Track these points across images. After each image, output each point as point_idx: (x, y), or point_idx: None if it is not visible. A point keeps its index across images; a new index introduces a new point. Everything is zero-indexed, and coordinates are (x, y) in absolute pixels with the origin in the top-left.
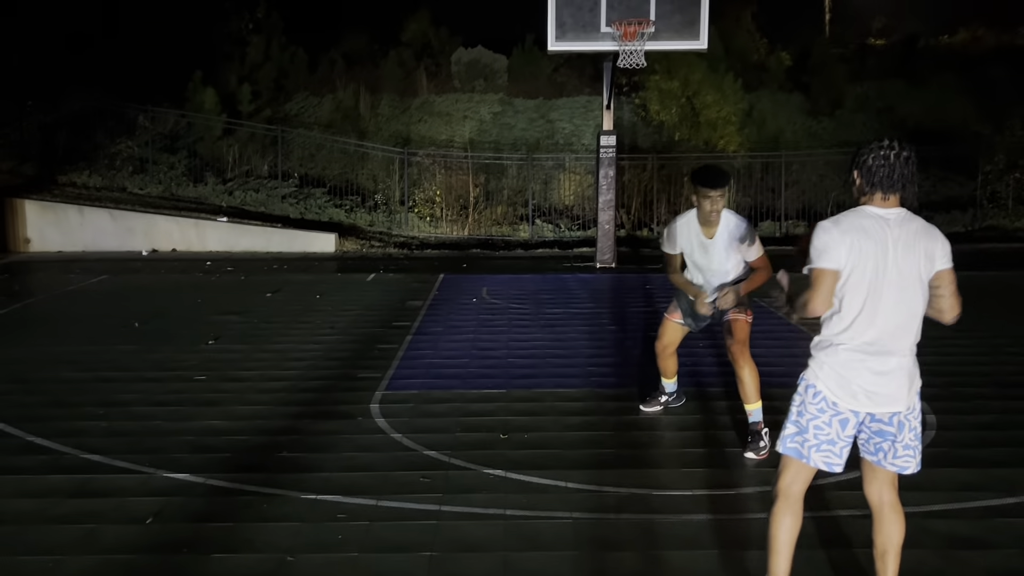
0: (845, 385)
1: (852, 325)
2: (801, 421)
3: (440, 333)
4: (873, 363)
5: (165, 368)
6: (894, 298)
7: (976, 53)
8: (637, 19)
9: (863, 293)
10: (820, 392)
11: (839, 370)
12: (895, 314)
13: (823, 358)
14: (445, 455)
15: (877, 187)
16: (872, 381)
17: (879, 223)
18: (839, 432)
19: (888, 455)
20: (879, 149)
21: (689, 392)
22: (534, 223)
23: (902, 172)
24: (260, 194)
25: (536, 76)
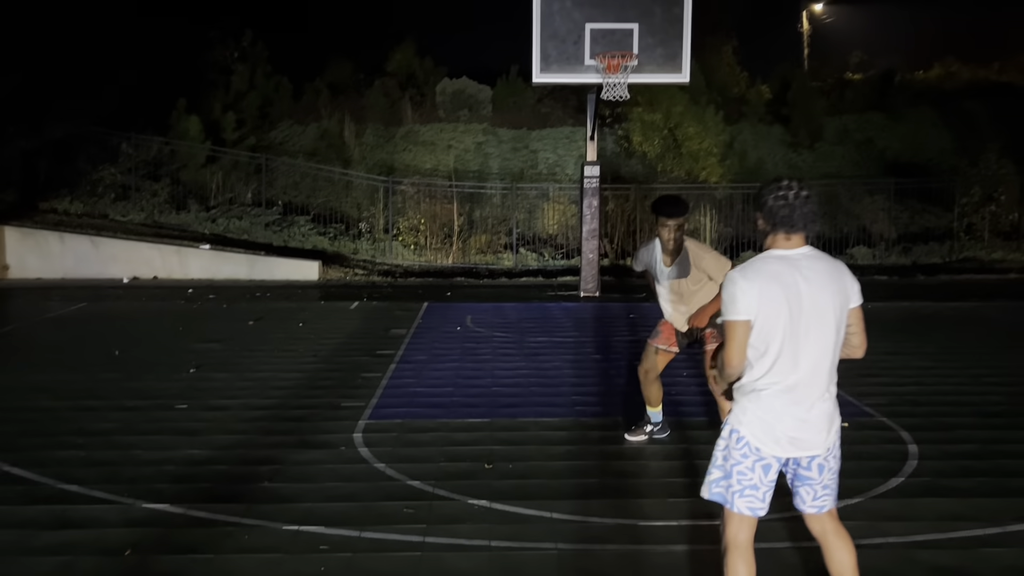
0: (769, 431)
1: (773, 370)
2: (726, 466)
3: (424, 362)
4: (796, 408)
5: (145, 397)
6: (813, 339)
7: (951, 88)
8: (620, 52)
9: (780, 337)
10: (744, 438)
11: (763, 416)
12: (815, 355)
13: (747, 404)
14: (429, 485)
15: (779, 227)
16: (795, 426)
17: (787, 265)
18: (762, 478)
19: (807, 499)
20: (778, 189)
21: (673, 422)
22: (518, 252)
23: (803, 211)
24: (243, 222)
25: (520, 107)
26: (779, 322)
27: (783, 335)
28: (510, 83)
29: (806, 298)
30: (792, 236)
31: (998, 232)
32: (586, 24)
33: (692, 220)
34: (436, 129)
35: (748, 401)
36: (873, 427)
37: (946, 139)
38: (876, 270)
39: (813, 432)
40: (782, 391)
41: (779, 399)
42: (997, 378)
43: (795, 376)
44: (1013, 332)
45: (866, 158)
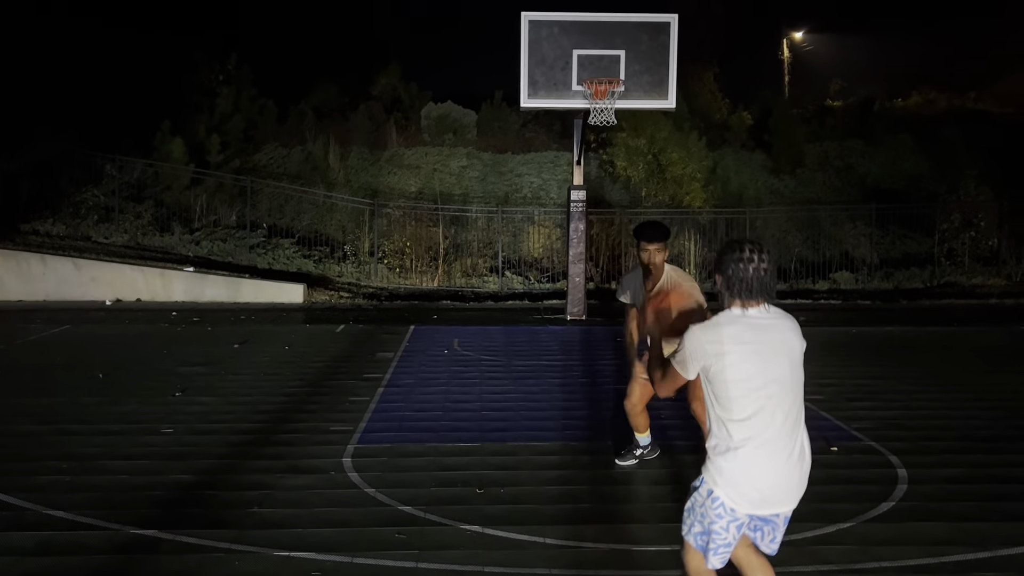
0: (745, 492)
1: (749, 429)
2: (704, 523)
3: (412, 385)
4: (772, 464)
5: (130, 421)
6: (784, 397)
7: (929, 115)
8: (608, 78)
9: (754, 399)
10: (719, 499)
11: (738, 476)
12: (787, 411)
13: (722, 464)
14: (420, 510)
15: (737, 296)
16: (771, 484)
17: (751, 326)
18: (735, 536)
19: (763, 541)
20: (739, 261)
21: (661, 446)
22: (503, 275)
23: (761, 282)
24: (228, 244)
25: (505, 131)
26: (752, 384)
27: (757, 396)
28: (495, 108)
29: (768, 353)
30: (750, 303)
31: (978, 257)
32: (574, 50)
33: (676, 244)
34: (421, 153)
35: (724, 461)
36: (862, 451)
37: (924, 166)
38: (859, 295)
39: (787, 489)
40: (757, 448)
41: (754, 456)
42: (981, 402)
43: (770, 432)
44: (994, 356)
45: (847, 184)
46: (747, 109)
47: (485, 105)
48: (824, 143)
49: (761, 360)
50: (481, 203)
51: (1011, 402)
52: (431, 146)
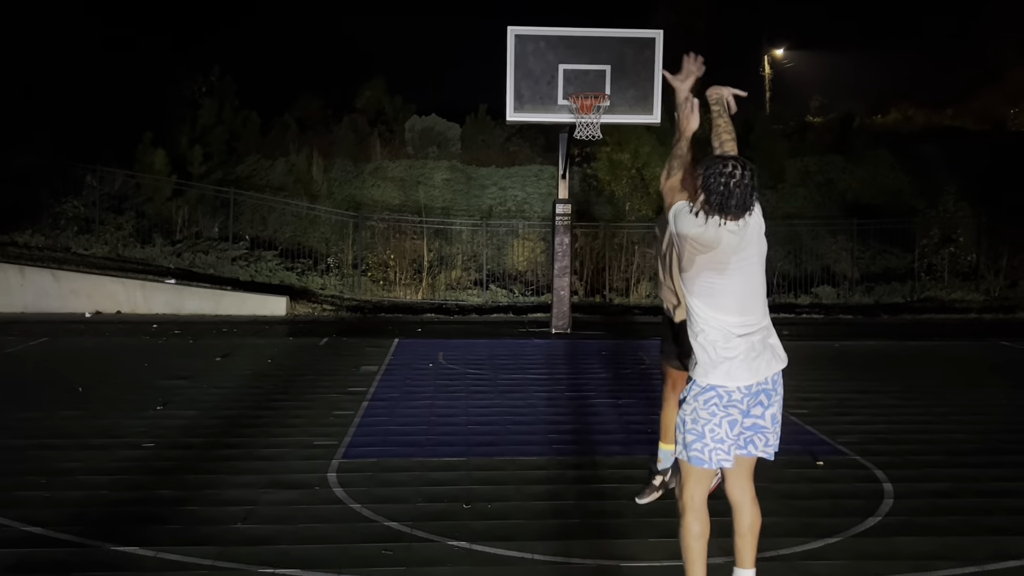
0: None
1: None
2: (696, 427)
3: (397, 399)
4: (743, 341)
5: (111, 435)
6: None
7: (907, 132)
8: (594, 93)
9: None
10: (711, 387)
11: (716, 358)
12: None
13: (699, 354)
14: (407, 526)
15: (714, 210)
16: (746, 355)
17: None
18: (728, 432)
19: (759, 445)
20: (720, 174)
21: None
22: (488, 288)
23: (739, 198)
24: (210, 256)
25: (489, 144)
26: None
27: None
28: (479, 121)
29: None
30: (725, 220)
31: (957, 273)
32: (559, 65)
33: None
34: (405, 165)
35: (700, 350)
36: (848, 466)
37: (903, 181)
38: (841, 309)
39: (762, 359)
40: (727, 329)
41: (726, 336)
42: (964, 416)
43: (736, 313)
44: (976, 370)
45: (827, 199)
46: None
47: (469, 118)
48: (805, 158)
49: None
50: (465, 216)
51: (993, 416)
52: (415, 159)
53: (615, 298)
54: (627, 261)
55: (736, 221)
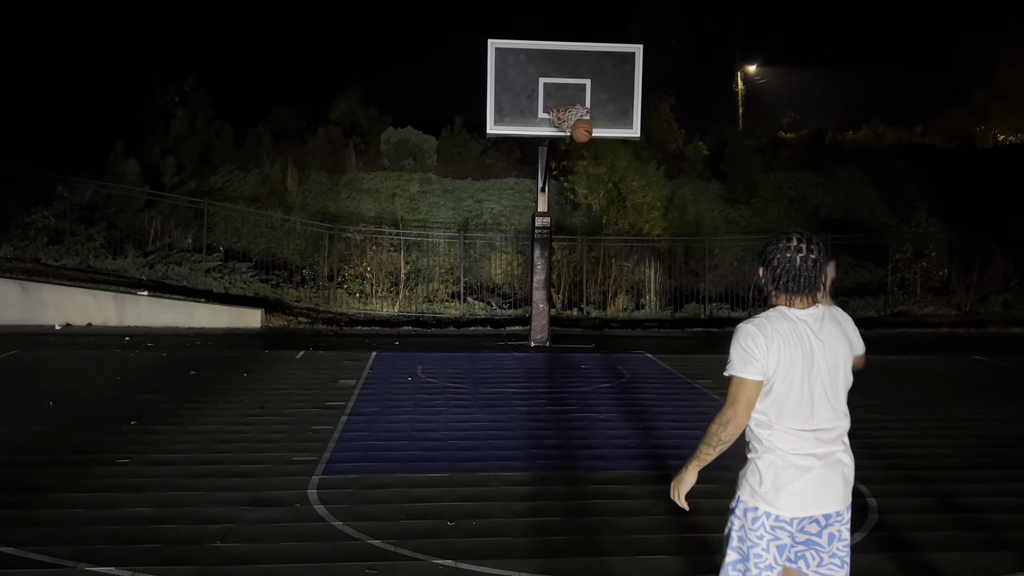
0: (787, 494)
1: (788, 430)
2: (742, 548)
3: (376, 413)
4: (813, 467)
5: (84, 451)
6: (824, 396)
7: (878, 148)
8: (573, 106)
9: (794, 397)
10: (759, 512)
11: (779, 481)
12: (828, 412)
13: (760, 471)
14: (391, 544)
15: (783, 292)
16: (813, 484)
17: (801, 326)
18: (776, 558)
19: (812, 564)
20: (786, 251)
21: (636, 476)
22: (465, 301)
23: (809, 276)
24: (183, 268)
25: (465, 157)
26: (793, 382)
27: (798, 392)
28: (455, 134)
29: (819, 357)
30: (795, 300)
31: (929, 288)
32: (540, 79)
33: (637, 272)
34: (380, 177)
35: (763, 467)
36: None
37: (875, 197)
38: None
39: (830, 489)
40: (798, 450)
41: (796, 458)
42: (944, 430)
43: (811, 435)
44: (953, 384)
45: (800, 214)
46: (703, 139)
47: (445, 131)
48: (778, 174)
49: (810, 362)
50: (442, 228)
51: (972, 430)
52: (390, 171)
53: (592, 311)
54: (604, 275)
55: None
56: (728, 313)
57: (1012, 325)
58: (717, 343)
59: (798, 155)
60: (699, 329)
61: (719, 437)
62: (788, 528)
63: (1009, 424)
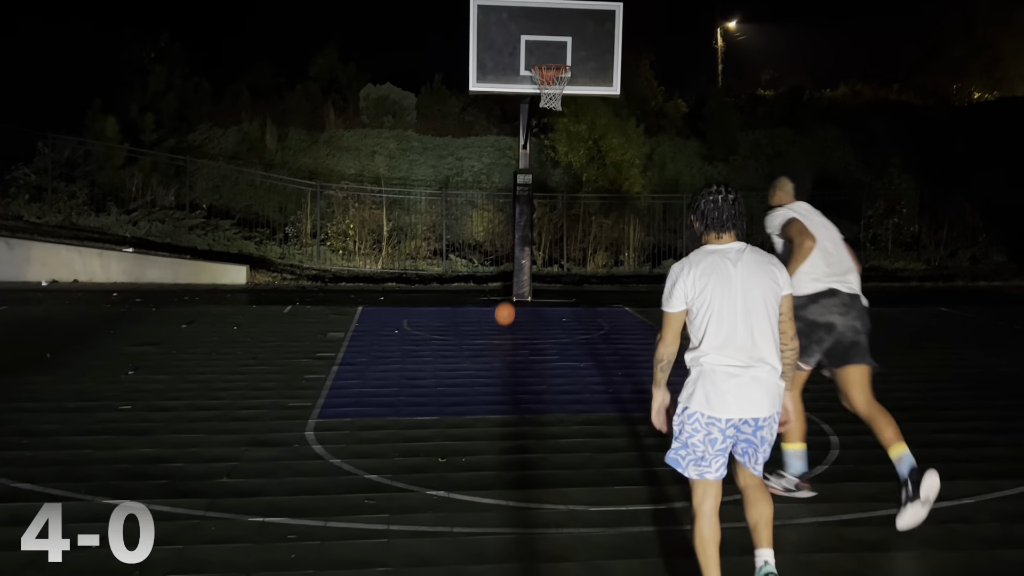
0: (714, 400)
1: (712, 344)
2: (681, 438)
3: (366, 363)
4: (736, 377)
5: (86, 398)
6: (743, 313)
7: (854, 106)
8: (556, 64)
9: (715, 315)
10: (693, 412)
11: (708, 387)
12: (748, 327)
13: (693, 379)
14: (387, 478)
15: (711, 228)
16: (737, 390)
17: (719, 257)
18: (708, 448)
19: (747, 460)
20: (708, 194)
21: (616, 417)
22: (447, 258)
23: (731, 213)
24: (166, 225)
25: (445, 115)
26: (713, 302)
27: (717, 313)
28: (434, 91)
29: (735, 279)
30: (723, 235)
31: (900, 243)
32: (521, 36)
33: (616, 229)
34: (360, 135)
35: (695, 375)
36: None
37: (850, 154)
38: None
39: (752, 396)
40: (722, 362)
41: (720, 369)
42: (903, 376)
43: (732, 348)
44: (915, 335)
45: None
46: (683, 97)
47: (424, 88)
48: (756, 131)
49: (727, 284)
50: (422, 186)
51: (932, 375)
52: (370, 128)
53: (572, 267)
54: (584, 232)
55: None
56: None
57: (978, 279)
58: None
59: (776, 113)
60: None
61: (656, 358)
62: (719, 425)
63: (966, 370)
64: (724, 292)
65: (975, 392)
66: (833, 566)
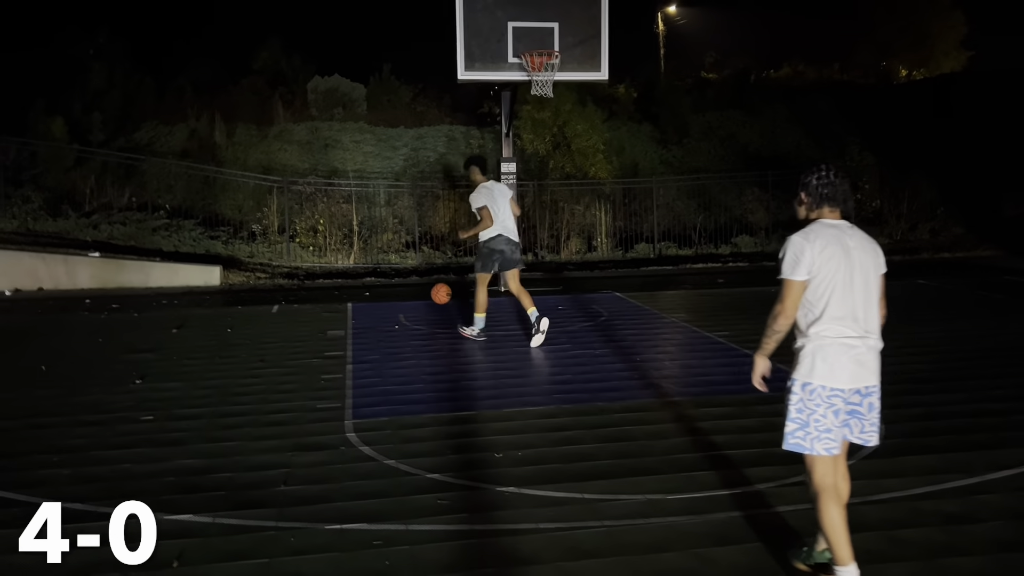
0: (834, 371)
1: (832, 318)
2: (802, 417)
3: (380, 361)
4: (852, 349)
5: (102, 410)
6: (859, 289)
7: (800, 86)
8: (546, 51)
9: (837, 288)
10: (815, 388)
11: (829, 361)
12: (862, 302)
13: (810, 354)
14: (450, 477)
15: (824, 202)
16: (853, 361)
17: (838, 231)
18: (833, 420)
19: (855, 431)
20: (821, 174)
21: (653, 404)
22: (420, 250)
23: (842, 190)
24: (128, 227)
25: (396, 105)
26: (837, 274)
27: (841, 285)
28: (384, 81)
29: (853, 253)
30: (835, 210)
31: (863, 219)
32: (508, 22)
33: (588, 215)
34: (311, 128)
35: (810, 348)
36: None
37: (800, 134)
38: (761, 257)
39: (868, 365)
40: (841, 333)
41: (839, 341)
42: (913, 349)
43: (851, 319)
44: (902, 309)
45: (731, 152)
46: (632, 82)
47: (373, 79)
48: (706, 114)
49: (847, 259)
50: (379, 178)
51: (937, 348)
52: (320, 121)
53: (546, 255)
54: (554, 219)
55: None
56: (676, 251)
57: (941, 251)
58: (677, 280)
59: (724, 95)
60: (654, 268)
61: (772, 328)
62: (842, 396)
63: (969, 340)
64: (845, 265)
65: (991, 361)
66: (925, 540)
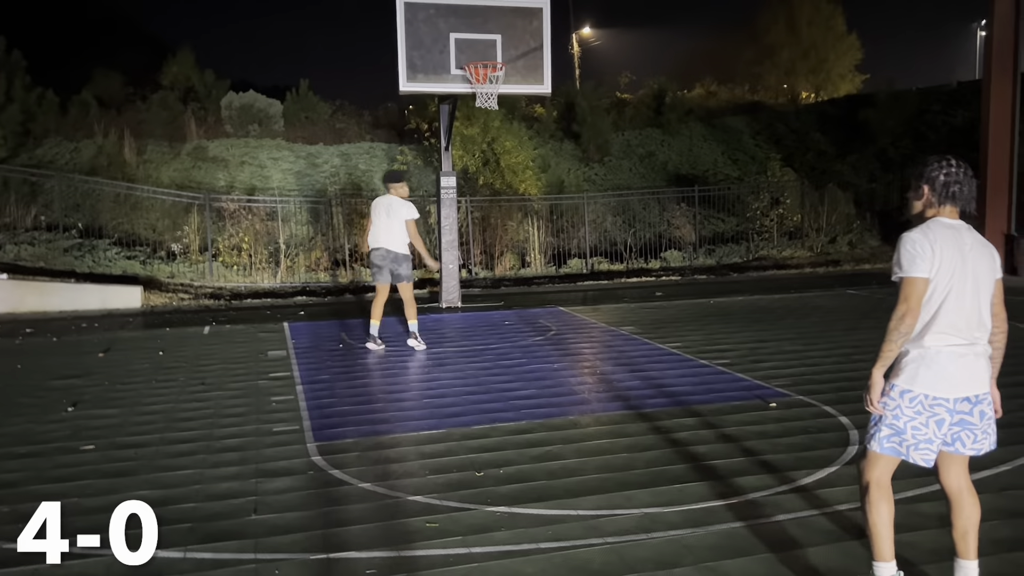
0: (941, 381)
1: (942, 324)
2: (897, 424)
3: (331, 380)
4: (962, 358)
5: (33, 441)
6: (970, 295)
7: (714, 106)
8: (491, 62)
9: (950, 294)
10: (916, 395)
11: (936, 369)
12: (974, 310)
13: (915, 361)
14: (434, 498)
15: (948, 201)
16: (963, 370)
17: (955, 232)
18: (935, 431)
19: (968, 443)
20: (948, 166)
21: (626, 416)
22: (351, 268)
23: (970, 187)
24: (37, 247)
25: (314, 122)
26: (953, 277)
27: (956, 289)
28: (301, 97)
29: (968, 256)
30: (956, 210)
31: (784, 232)
32: (451, 34)
33: (521, 231)
34: (226, 144)
35: (915, 355)
36: (799, 405)
37: (717, 151)
38: (691, 271)
39: (976, 373)
40: (950, 340)
41: (947, 348)
42: (862, 354)
43: (963, 325)
44: (841, 316)
45: (651, 170)
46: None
47: (290, 95)
48: (625, 133)
49: (962, 264)
50: (298, 195)
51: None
52: (235, 137)
53: (480, 272)
54: (487, 235)
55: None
56: (608, 266)
57: (861, 262)
58: (616, 294)
59: (642, 114)
60: (590, 283)
61: (899, 331)
62: (946, 405)
63: None
64: (961, 268)
65: None
66: (934, 543)
